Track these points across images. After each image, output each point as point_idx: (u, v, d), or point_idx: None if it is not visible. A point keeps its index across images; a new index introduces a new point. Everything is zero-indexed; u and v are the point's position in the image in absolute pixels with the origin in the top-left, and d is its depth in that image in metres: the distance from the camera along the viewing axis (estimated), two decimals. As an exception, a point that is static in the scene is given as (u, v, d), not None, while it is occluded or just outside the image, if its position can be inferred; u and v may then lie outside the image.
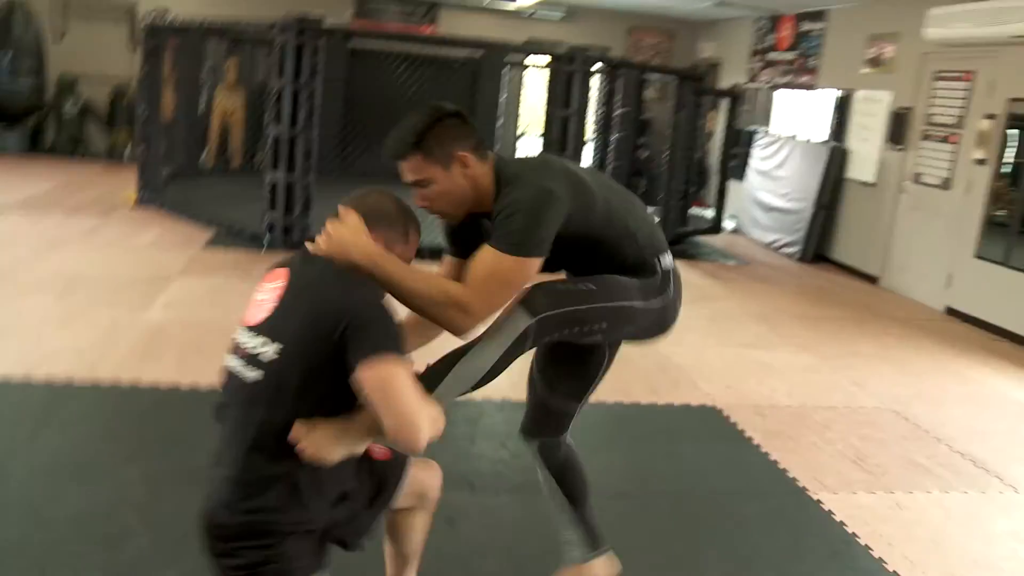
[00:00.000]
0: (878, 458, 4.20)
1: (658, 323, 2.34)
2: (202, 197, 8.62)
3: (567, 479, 2.57)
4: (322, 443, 1.78)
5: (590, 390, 2.50)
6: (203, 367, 4.44)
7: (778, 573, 3.09)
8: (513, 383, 3.10)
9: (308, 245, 1.98)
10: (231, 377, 1.89)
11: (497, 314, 2.06)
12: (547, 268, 2.18)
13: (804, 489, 3.76)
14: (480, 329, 2.07)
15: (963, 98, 7.32)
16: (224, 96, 11.02)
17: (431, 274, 2.02)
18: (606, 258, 2.22)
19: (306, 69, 6.86)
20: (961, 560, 3.32)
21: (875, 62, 8.60)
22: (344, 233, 1.91)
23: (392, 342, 1.78)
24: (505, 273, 1.99)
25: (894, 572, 3.15)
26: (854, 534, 3.40)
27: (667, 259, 2.33)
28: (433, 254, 2.89)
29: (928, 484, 3.97)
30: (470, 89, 11.98)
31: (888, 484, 3.92)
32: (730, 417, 4.51)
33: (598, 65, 7.66)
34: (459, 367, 2.08)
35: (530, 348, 2.15)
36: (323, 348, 1.76)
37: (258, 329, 1.86)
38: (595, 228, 2.17)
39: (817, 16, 9.76)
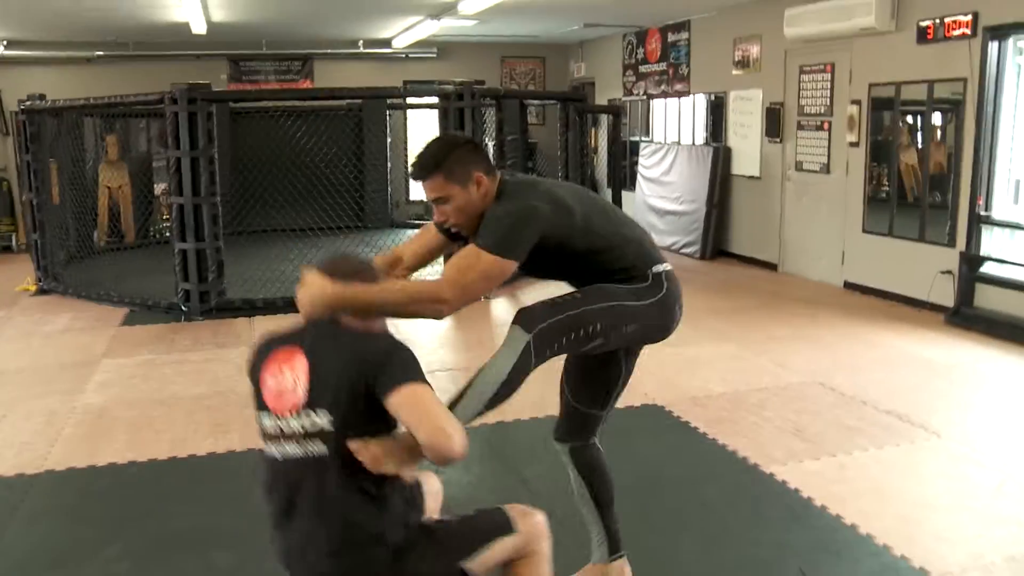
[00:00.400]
0: (815, 427, 4.49)
1: (659, 321, 2.51)
2: (104, 276, 8.48)
3: (595, 481, 2.78)
4: (377, 454, 1.91)
5: (612, 397, 2.73)
6: (155, 441, 4.45)
7: (748, 543, 3.30)
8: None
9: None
10: (285, 462, 1.98)
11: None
12: (543, 277, 2.54)
13: (756, 465, 4.01)
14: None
15: (828, 88, 7.84)
16: (108, 172, 10.85)
17: (400, 282, 2.26)
18: (594, 268, 2.44)
19: (201, 136, 6.88)
20: (905, 504, 3.61)
21: (743, 63, 9.10)
22: (307, 291, 2.08)
23: (413, 371, 1.93)
24: (483, 268, 2.22)
25: (852, 524, 3.40)
26: (809, 498, 3.66)
27: (660, 267, 2.51)
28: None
29: (863, 443, 4.27)
30: (356, 135, 12.11)
31: (829, 449, 4.20)
32: (673, 411, 4.74)
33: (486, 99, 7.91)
34: (474, 385, 2.27)
35: (537, 362, 2.32)
36: (361, 404, 1.91)
37: (302, 409, 1.96)
38: (576, 241, 2.39)
39: (681, 27, 10.26)
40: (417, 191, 13.19)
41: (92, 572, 3.14)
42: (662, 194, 10.37)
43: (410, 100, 12.55)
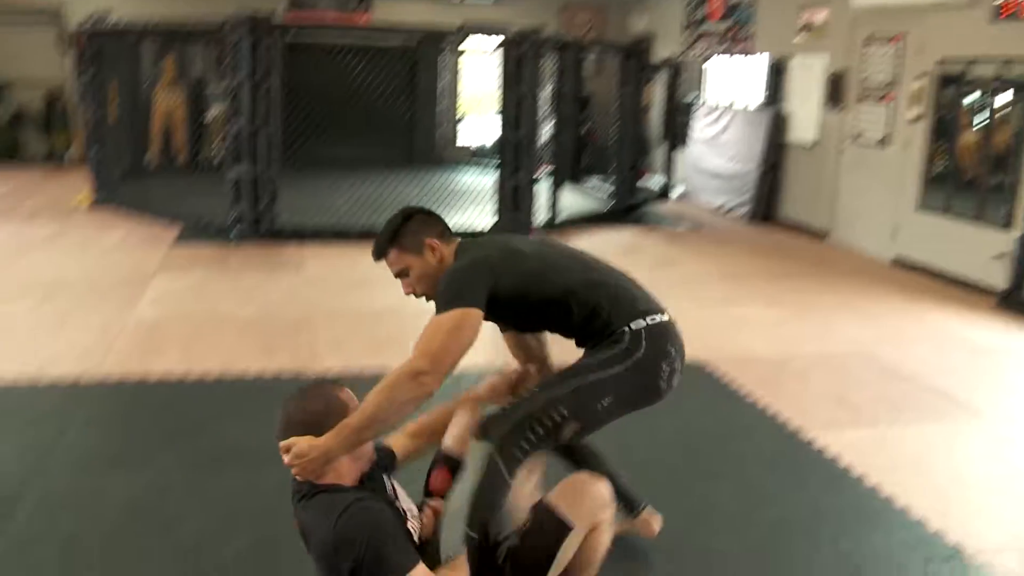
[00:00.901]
0: (857, 397, 4.49)
1: (641, 385, 2.33)
2: (158, 195, 8.60)
3: (584, 463, 2.68)
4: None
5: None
6: (207, 357, 4.55)
7: (784, 504, 3.34)
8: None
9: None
10: None
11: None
12: (527, 330, 2.57)
13: (796, 431, 4.02)
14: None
15: (895, 60, 7.68)
16: (164, 95, 10.93)
17: (374, 389, 2.12)
18: (564, 321, 2.38)
19: (260, 64, 6.92)
20: (944, 480, 3.61)
21: (808, 28, 8.93)
22: (297, 457, 2.07)
23: (398, 551, 1.92)
24: (446, 326, 2.17)
25: (889, 496, 3.42)
26: (847, 466, 3.67)
27: (640, 323, 2.34)
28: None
29: (905, 417, 4.27)
30: (409, 75, 12.08)
31: (870, 420, 4.21)
32: (716, 371, 4.76)
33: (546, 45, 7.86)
34: (446, 515, 2.20)
35: (511, 470, 2.19)
36: None
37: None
38: (534, 287, 2.35)
39: (748, -15, 10.06)
40: (464, 133, 13.19)
41: (149, 475, 3.25)
42: (715, 155, 10.28)
43: (467, 43, 12.47)
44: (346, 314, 5.47)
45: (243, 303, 5.55)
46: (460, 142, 13.12)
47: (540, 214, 8.14)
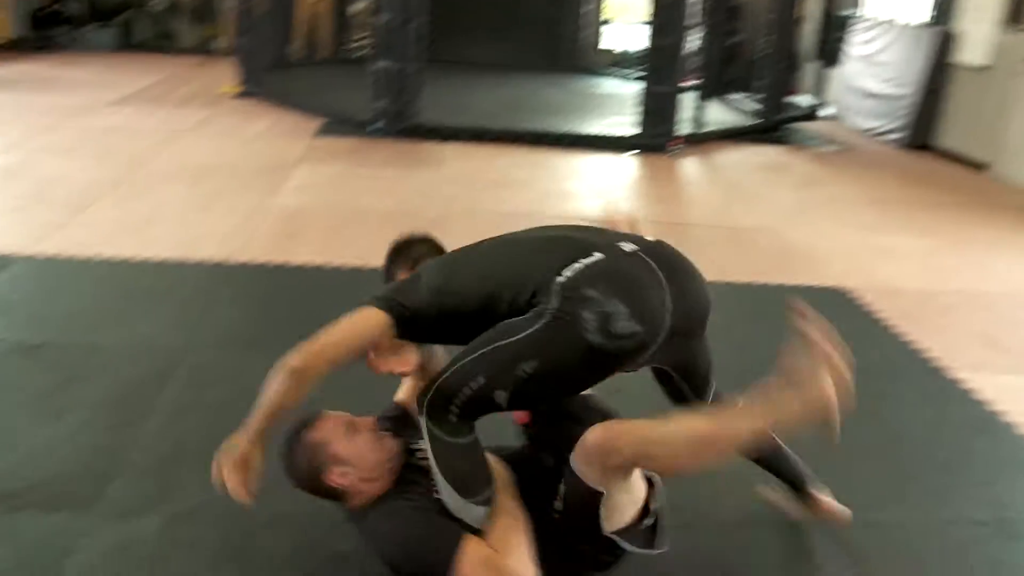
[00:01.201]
0: (1011, 340, 4.23)
1: (566, 345, 1.90)
2: (301, 87, 8.75)
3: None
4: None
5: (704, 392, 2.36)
6: (344, 249, 4.63)
7: (929, 443, 3.20)
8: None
9: None
10: None
11: None
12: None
13: (942, 369, 3.83)
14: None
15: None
16: (310, -13, 11.02)
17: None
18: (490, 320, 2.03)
19: (413, -43, 6.85)
20: (1107, 434, 3.39)
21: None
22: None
23: (438, 546, 1.90)
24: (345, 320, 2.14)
25: (1044, 446, 3.24)
26: (996, 412, 3.48)
27: (556, 281, 1.95)
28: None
29: (1063, 365, 4.02)
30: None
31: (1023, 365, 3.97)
32: (859, 299, 4.57)
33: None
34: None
35: (458, 434, 2.00)
36: None
37: None
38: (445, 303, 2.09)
39: None
40: (608, 39, 12.84)
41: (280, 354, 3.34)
42: (870, 74, 9.71)
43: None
44: (482, 214, 5.47)
45: (382, 197, 5.61)
46: (604, 47, 12.81)
47: (683, 126, 7.91)
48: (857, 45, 10.05)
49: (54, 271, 4.09)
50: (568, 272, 1.94)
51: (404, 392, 2.50)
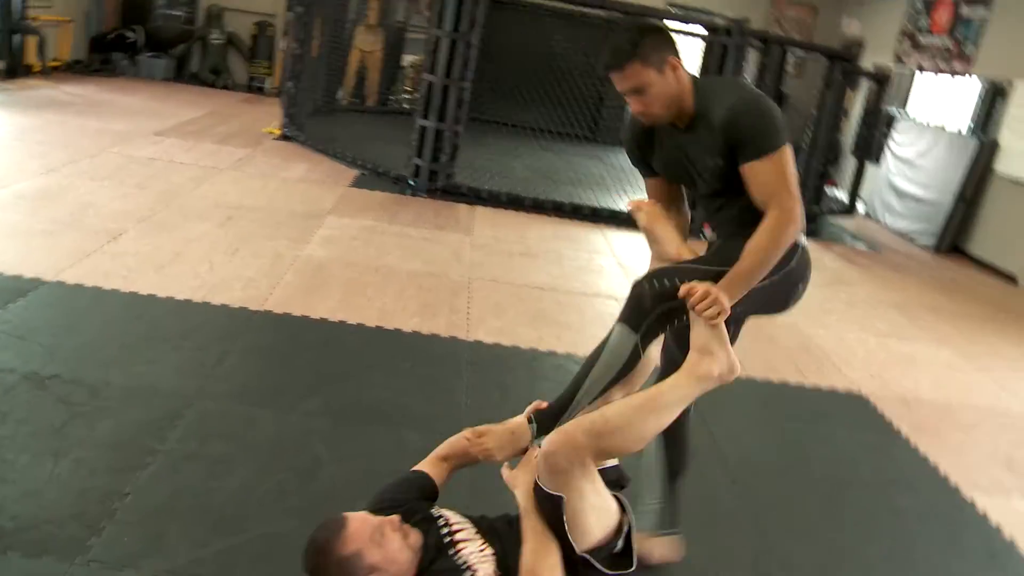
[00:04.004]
0: (1030, 464, 4.15)
1: (775, 299, 2.39)
2: (343, 135, 8.86)
3: (673, 447, 2.62)
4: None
5: None
6: (366, 306, 4.63)
7: (938, 569, 3.12)
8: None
9: None
10: None
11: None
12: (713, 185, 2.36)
13: (956, 488, 3.75)
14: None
15: None
16: (363, 36, 11.22)
17: (754, 240, 2.20)
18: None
19: (465, 20, 6.95)
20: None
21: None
22: (702, 299, 2.19)
23: None
24: (787, 164, 2.18)
25: (1055, 583, 3.15)
26: (1012, 540, 3.40)
27: (801, 238, 2.35)
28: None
29: (1083, 496, 3.92)
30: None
31: (1042, 492, 3.88)
32: (876, 406, 4.50)
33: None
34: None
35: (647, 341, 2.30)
36: None
37: None
38: None
39: (980, 0, 9.38)
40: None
41: (294, 419, 3.33)
42: (909, 176, 9.71)
43: (674, 24, 12.19)
44: (507, 284, 5.46)
45: (409, 256, 5.63)
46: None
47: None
48: (898, 145, 10.06)
49: (76, 300, 4.12)
50: (803, 240, 2.37)
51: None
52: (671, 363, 2.54)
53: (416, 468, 2.40)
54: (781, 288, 2.35)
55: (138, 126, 8.28)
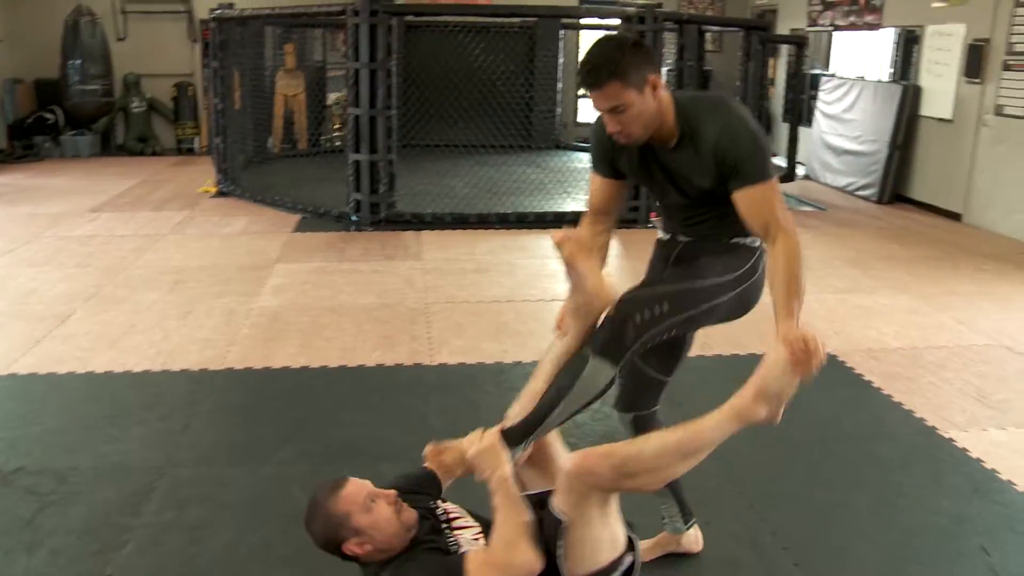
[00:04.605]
0: (1000, 394, 4.21)
1: (737, 306, 2.40)
2: (278, 181, 8.81)
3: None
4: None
5: (679, 365, 2.58)
6: (326, 348, 4.60)
7: (925, 510, 3.14)
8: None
9: None
10: None
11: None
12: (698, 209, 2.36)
13: (934, 428, 3.80)
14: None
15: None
16: (285, 81, 11.17)
17: (782, 271, 2.21)
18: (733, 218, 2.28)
19: (381, 49, 6.95)
20: (1106, 488, 3.35)
21: (946, -5, 8.44)
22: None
23: None
24: (776, 194, 2.18)
25: (1042, 504, 3.19)
26: (993, 470, 3.44)
27: (757, 243, 2.36)
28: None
29: (1056, 417, 3.98)
30: (527, 54, 12.02)
31: (1017, 419, 3.93)
32: (847, 362, 4.55)
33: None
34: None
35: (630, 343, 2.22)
36: None
37: None
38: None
39: (879, -47, 9.56)
40: (585, 112, 13.01)
41: (269, 471, 3.29)
42: (841, 132, 9.85)
43: (587, 21, 12.31)
44: (464, 303, 5.45)
45: (362, 292, 5.60)
46: (581, 118, 12.98)
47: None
48: (827, 104, 10.21)
49: (32, 389, 4.04)
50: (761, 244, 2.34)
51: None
52: (642, 384, 2.55)
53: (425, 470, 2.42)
54: (747, 295, 2.39)
55: (71, 206, 8.16)
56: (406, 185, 7.75)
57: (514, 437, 2.23)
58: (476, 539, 2.15)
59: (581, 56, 2.50)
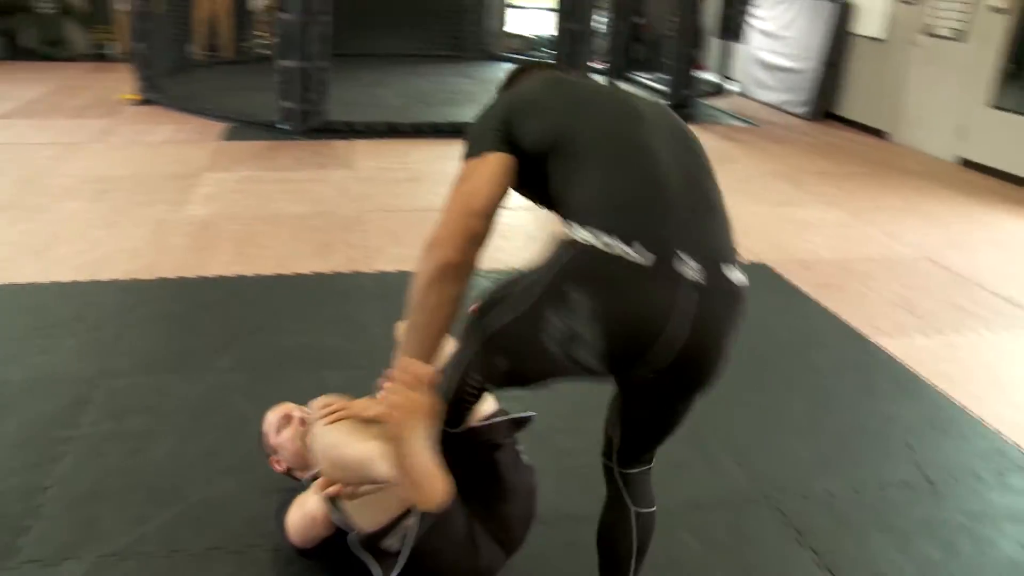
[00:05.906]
0: (925, 304, 4.36)
1: (523, 340, 1.63)
2: (204, 90, 8.50)
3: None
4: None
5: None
6: (261, 256, 4.50)
7: (856, 411, 3.27)
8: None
9: None
10: None
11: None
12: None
13: (864, 335, 3.92)
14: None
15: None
16: (208, -16, 10.70)
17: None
18: (552, 194, 1.74)
19: (310, -49, 6.68)
20: (1018, 392, 3.50)
21: (879, -90, 8.43)
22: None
23: None
24: (459, 182, 1.75)
25: (962, 405, 3.34)
26: (918, 374, 3.58)
27: (588, 233, 1.53)
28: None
29: (975, 325, 4.14)
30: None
31: (939, 327, 4.09)
32: (780, 273, 4.64)
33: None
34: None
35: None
36: None
37: None
38: (535, 143, 1.72)
39: None
40: (514, 22, 12.79)
41: (210, 380, 3.23)
42: (774, 48, 9.88)
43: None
44: (399, 211, 5.38)
45: (295, 200, 5.48)
46: (510, 30, 12.76)
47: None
48: (760, 20, 10.20)
49: (-48, 302, 3.89)
50: (603, 240, 1.52)
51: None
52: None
53: None
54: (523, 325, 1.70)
55: (-20, 112, 7.77)
56: (336, 95, 7.54)
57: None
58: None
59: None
